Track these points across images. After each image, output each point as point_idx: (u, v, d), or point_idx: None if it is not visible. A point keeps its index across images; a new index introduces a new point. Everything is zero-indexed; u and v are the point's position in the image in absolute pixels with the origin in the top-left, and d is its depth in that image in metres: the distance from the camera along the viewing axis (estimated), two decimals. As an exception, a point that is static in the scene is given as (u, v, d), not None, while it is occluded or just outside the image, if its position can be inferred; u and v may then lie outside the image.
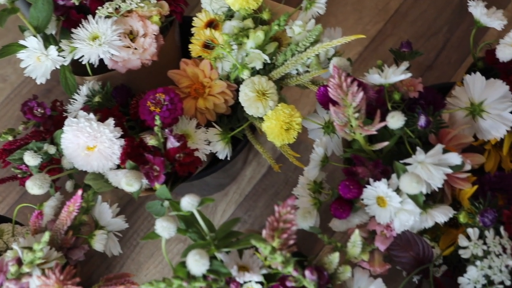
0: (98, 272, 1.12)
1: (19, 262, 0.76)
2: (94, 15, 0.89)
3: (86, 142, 0.82)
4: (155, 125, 0.81)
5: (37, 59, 0.88)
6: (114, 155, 0.82)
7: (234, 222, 0.75)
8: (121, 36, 0.88)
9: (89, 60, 0.86)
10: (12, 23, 1.12)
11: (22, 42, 0.88)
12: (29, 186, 0.81)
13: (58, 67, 0.89)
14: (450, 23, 1.28)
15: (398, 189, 0.75)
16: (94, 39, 0.86)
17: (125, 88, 0.93)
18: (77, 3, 0.91)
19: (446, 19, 1.29)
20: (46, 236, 0.74)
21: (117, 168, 0.84)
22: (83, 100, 0.90)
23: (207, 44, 0.91)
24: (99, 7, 0.89)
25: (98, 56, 0.86)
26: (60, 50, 0.88)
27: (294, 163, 0.92)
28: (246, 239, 0.71)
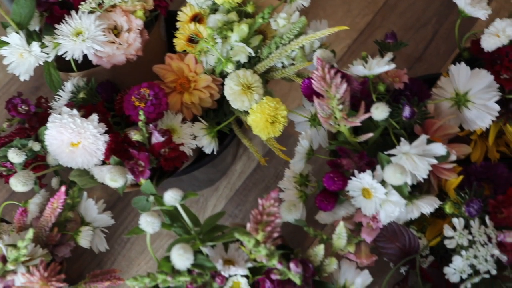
0: (89, 268, 1.11)
1: (4, 259, 0.75)
2: (77, 11, 0.88)
3: (70, 138, 0.82)
4: (139, 120, 0.80)
5: (20, 56, 0.87)
6: (98, 151, 0.82)
7: (219, 216, 0.75)
8: (105, 31, 0.87)
9: (72, 55, 0.86)
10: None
11: (4, 38, 0.87)
12: (13, 184, 0.81)
13: (42, 64, 0.88)
14: (438, 15, 1.28)
15: (383, 180, 0.75)
16: (78, 35, 0.86)
17: (110, 83, 0.93)
18: (60, -1, 0.91)
19: (434, 11, 1.28)
20: (30, 233, 0.74)
21: (102, 164, 0.84)
22: (68, 96, 0.90)
23: (192, 38, 0.90)
24: (82, 2, 0.88)
25: (82, 51, 0.86)
26: (43, 46, 0.87)
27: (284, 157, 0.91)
28: (230, 233, 0.71)
